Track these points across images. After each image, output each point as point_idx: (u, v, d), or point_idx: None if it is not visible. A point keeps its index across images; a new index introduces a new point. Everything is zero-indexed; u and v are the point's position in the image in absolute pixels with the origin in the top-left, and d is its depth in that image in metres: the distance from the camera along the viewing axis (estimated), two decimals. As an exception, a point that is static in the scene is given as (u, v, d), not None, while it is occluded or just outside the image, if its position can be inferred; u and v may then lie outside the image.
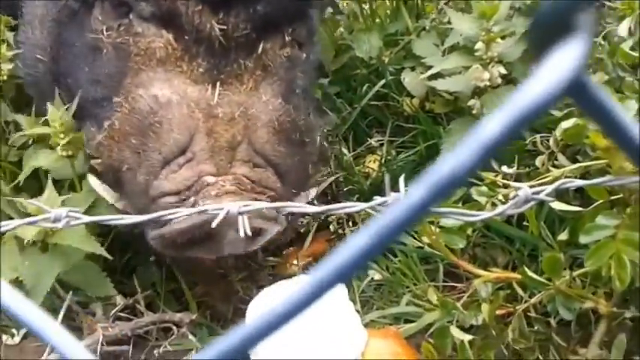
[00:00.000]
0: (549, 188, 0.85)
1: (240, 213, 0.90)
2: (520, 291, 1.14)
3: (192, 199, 1.08)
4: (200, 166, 1.10)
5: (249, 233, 0.90)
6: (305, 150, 1.26)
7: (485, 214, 0.88)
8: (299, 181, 1.25)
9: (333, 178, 1.64)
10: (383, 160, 1.63)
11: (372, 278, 1.48)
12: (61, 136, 1.24)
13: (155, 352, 1.30)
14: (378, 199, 0.89)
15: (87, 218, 0.92)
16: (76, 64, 1.29)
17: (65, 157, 1.27)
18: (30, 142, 1.51)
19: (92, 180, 1.23)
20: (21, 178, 1.33)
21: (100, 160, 1.21)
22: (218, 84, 1.15)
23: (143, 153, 1.14)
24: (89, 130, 1.25)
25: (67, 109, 1.26)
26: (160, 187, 1.11)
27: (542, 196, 0.84)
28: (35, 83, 1.43)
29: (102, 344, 1.23)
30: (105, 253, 1.23)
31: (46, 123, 1.29)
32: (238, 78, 1.16)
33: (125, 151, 1.17)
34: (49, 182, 1.24)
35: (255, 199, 1.06)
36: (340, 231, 1.61)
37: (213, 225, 0.89)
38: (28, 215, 1.07)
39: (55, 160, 1.30)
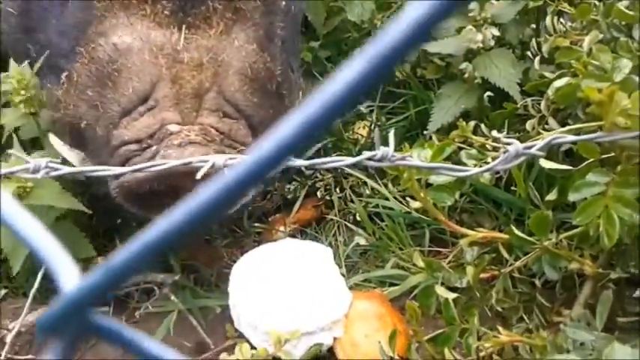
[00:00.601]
0: (540, 143, 0.84)
1: (226, 166, 0.88)
2: (505, 254, 1.14)
3: (154, 147, 1.03)
4: (163, 113, 1.05)
5: None
6: (283, 104, 1.19)
7: (475, 170, 0.86)
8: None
9: (320, 144, 1.62)
10: (372, 127, 1.61)
11: (358, 243, 1.47)
12: (22, 92, 1.20)
13: (136, 313, 1.28)
14: (366, 154, 0.87)
15: (67, 169, 0.89)
16: (44, 17, 1.23)
17: (28, 115, 1.23)
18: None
19: (53, 139, 1.18)
20: None
21: (59, 116, 1.17)
22: (184, 28, 1.08)
23: (101, 105, 1.08)
24: (51, 86, 1.20)
25: (31, 65, 1.22)
26: (120, 136, 1.05)
27: (533, 150, 0.83)
28: (8, 38, 1.37)
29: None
30: (82, 208, 1.20)
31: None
32: (207, 21, 1.08)
33: (83, 104, 1.11)
34: (15, 139, 1.20)
35: (223, 153, 1.01)
36: (328, 197, 1.59)
37: (198, 176, 0.86)
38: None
39: (18, 118, 1.25)
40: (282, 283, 1.20)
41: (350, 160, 0.87)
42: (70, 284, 0.22)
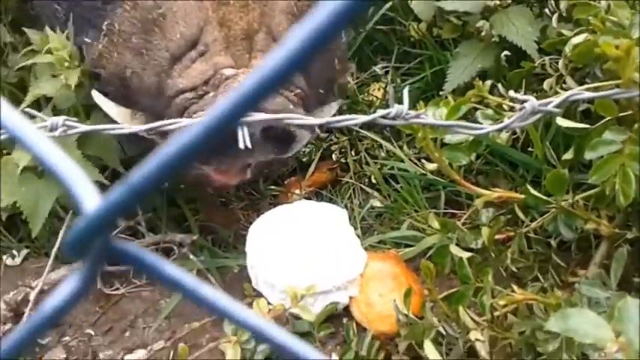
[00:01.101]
0: (557, 100, 0.83)
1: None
2: (521, 215, 1.13)
3: (211, 94, 1.01)
4: (215, 58, 1.02)
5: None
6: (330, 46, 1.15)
7: (491, 127, 0.86)
8: (324, 81, 1.16)
9: (335, 104, 1.62)
10: (387, 88, 1.60)
11: (373, 206, 1.47)
12: (65, 64, 1.21)
13: (156, 272, 1.30)
14: (380, 112, 0.87)
15: (84, 127, 0.91)
16: None
17: (69, 86, 1.24)
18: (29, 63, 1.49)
19: (97, 96, 1.16)
20: (23, 106, 1.31)
21: (103, 71, 1.14)
22: None
23: (148, 52, 1.05)
24: (89, 44, 1.17)
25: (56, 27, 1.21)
26: (175, 85, 1.02)
27: (549, 107, 0.82)
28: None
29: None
30: (101, 178, 1.21)
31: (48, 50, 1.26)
32: None
33: (128, 52, 1.08)
34: (48, 110, 1.22)
35: (281, 95, 1.00)
36: (343, 160, 1.60)
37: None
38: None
39: (58, 89, 1.26)
40: (298, 244, 1.21)
41: (364, 118, 0.87)
42: (91, 204, 0.23)
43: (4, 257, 1.32)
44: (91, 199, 0.23)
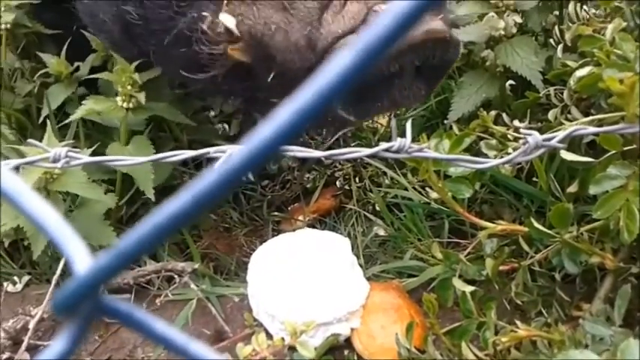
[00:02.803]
0: (561, 135, 0.82)
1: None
2: (526, 246, 1.12)
3: None
4: None
5: None
6: None
7: (494, 161, 0.86)
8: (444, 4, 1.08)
9: (341, 132, 1.62)
10: (392, 115, 1.60)
11: (377, 234, 1.47)
12: (128, 87, 1.25)
13: (157, 300, 1.29)
14: (383, 145, 0.87)
15: (87, 158, 0.91)
16: None
17: (123, 109, 1.28)
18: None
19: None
20: (72, 118, 1.32)
21: (236, 47, 1.04)
22: None
23: (292, 5, 0.97)
24: (202, 19, 1.05)
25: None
26: (331, 32, 0.94)
27: (553, 142, 0.82)
28: (89, 11, 1.29)
29: (103, 292, 1.22)
30: (106, 200, 1.22)
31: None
32: None
33: (268, 9, 0.99)
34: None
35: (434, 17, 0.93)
36: (347, 187, 1.60)
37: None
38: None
39: (112, 110, 1.29)
40: (300, 273, 1.20)
41: (367, 151, 0.87)
42: (82, 266, 0.22)
43: (5, 284, 1.32)
44: (82, 260, 0.22)
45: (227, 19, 1.02)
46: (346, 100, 0.96)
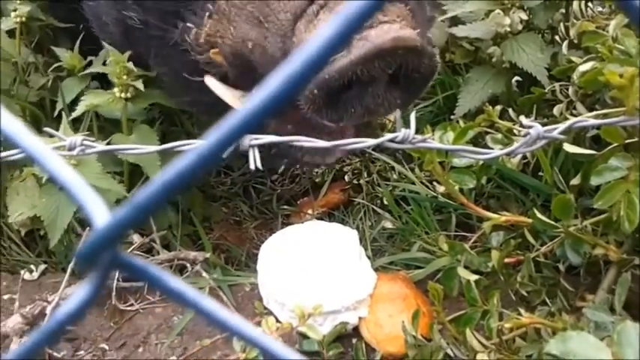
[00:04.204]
0: (562, 127, 0.84)
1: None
2: (531, 239, 1.14)
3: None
4: (337, 7, 0.97)
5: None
6: None
7: (496, 152, 0.88)
8: (423, 22, 1.09)
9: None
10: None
11: (384, 227, 1.49)
12: (123, 77, 1.27)
13: (170, 289, 1.32)
14: (387, 136, 0.89)
15: (101, 147, 0.94)
16: None
17: (122, 99, 1.30)
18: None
19: (210, 81, 1.13)
20: (75, 114, 1.35)
21: (216, 51, 1.09)
22: None
23: (266, 18, 1.00)
24: (193, 26, 1.11)
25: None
26: (302, 41, 0.97)
27: (554, 134, 0.84)
28: (94, 13, 1.34)
29: (117, 280, 1.26)
30: (120, 190, 1.25)
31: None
32: None
33: (244, 24, 1.03)
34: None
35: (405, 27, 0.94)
36: (355, 181, 1.62)
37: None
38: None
39: (111, 101, 1.32)
40: (308, 263, 1.23)
41: (372, 141, 0.89)
42: (101, 220, 0.25)
43: (23, 272, 1.36)
44: (100, 215, 0.25)
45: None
46: (320, 103, 0.97)
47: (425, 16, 1.11)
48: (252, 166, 0.91)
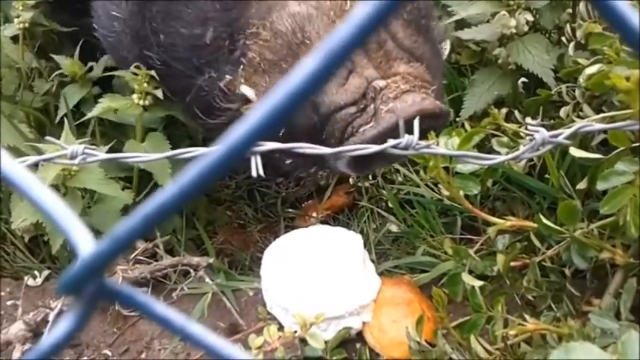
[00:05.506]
0: (567, 132, 0.83)
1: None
2: (537, 242, 1.13)
3: (371, 106, 1.04)
4: (365, 72, 1.05)
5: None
6: (432, 33, 1.18)
7: (500, 158, 0.86)
8: (437, 67, 1.19)
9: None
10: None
11: (389, 230, 1.48)
12: (144, 85, 1.28)
13: (173, 294, 1.32)
14: (391, 142, 0.88)
15: (103, 155, 0.93)
16: (168, 13, 1.19)
17: (139, 106, 1.31)
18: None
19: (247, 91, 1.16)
20: (90, 115, 1.35)
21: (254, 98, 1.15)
22: None
23: None
24: (222, 80, 1.18)
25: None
26: (334, 102, 1.05)
27: (559, 139, 0.82)
28: (112, 46, 1.37)
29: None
30: (123, 195, 1.24)
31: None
32: None
33: (276, 79, 1.10)
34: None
35: (426, 94, 1.04)
36: (360, 184, 1.61)
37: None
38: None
39: (129, 107, 1.33)
40: (312, 268, 1.22)
41: (375, 147, 0.88)
42: (85, 250, 0.24)
43: (26, 278, 1.35)
44: (85, 244, 0.24)
45: (247, 90, 1.15)
46: (355, 166, 1.09)
47: (440, 61, 1.20)
48: (253, 174, 0.91)
